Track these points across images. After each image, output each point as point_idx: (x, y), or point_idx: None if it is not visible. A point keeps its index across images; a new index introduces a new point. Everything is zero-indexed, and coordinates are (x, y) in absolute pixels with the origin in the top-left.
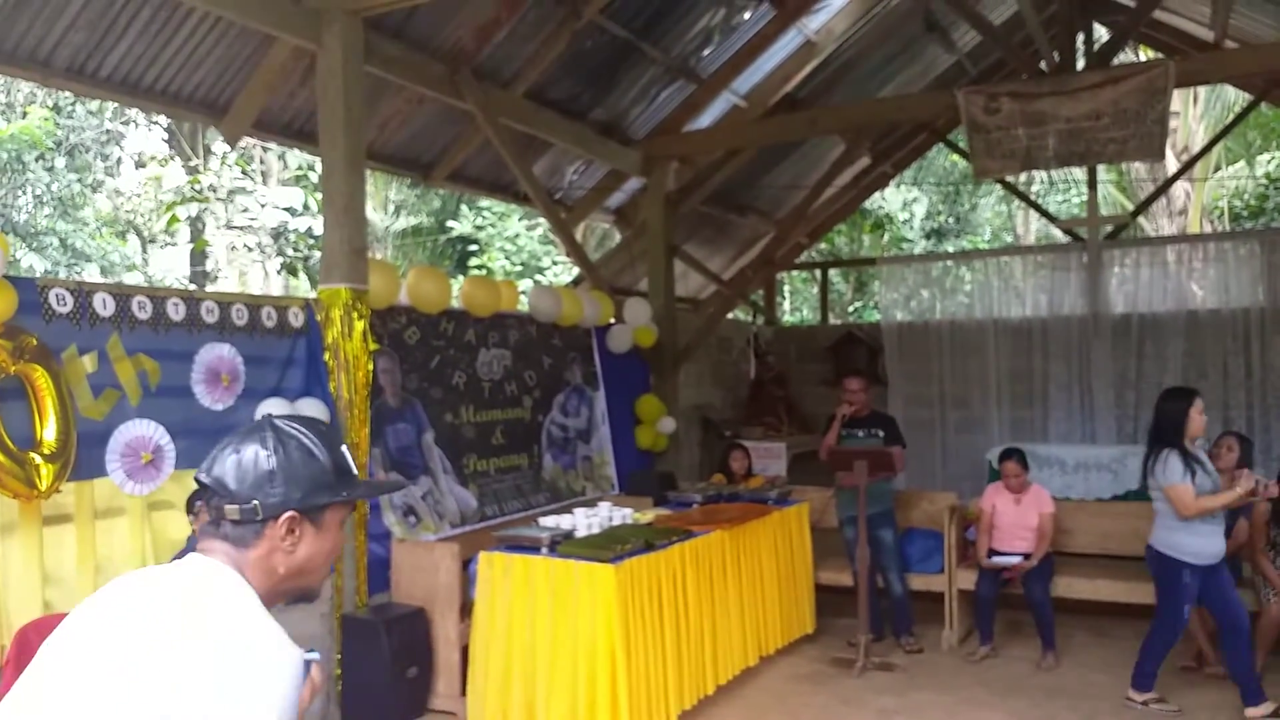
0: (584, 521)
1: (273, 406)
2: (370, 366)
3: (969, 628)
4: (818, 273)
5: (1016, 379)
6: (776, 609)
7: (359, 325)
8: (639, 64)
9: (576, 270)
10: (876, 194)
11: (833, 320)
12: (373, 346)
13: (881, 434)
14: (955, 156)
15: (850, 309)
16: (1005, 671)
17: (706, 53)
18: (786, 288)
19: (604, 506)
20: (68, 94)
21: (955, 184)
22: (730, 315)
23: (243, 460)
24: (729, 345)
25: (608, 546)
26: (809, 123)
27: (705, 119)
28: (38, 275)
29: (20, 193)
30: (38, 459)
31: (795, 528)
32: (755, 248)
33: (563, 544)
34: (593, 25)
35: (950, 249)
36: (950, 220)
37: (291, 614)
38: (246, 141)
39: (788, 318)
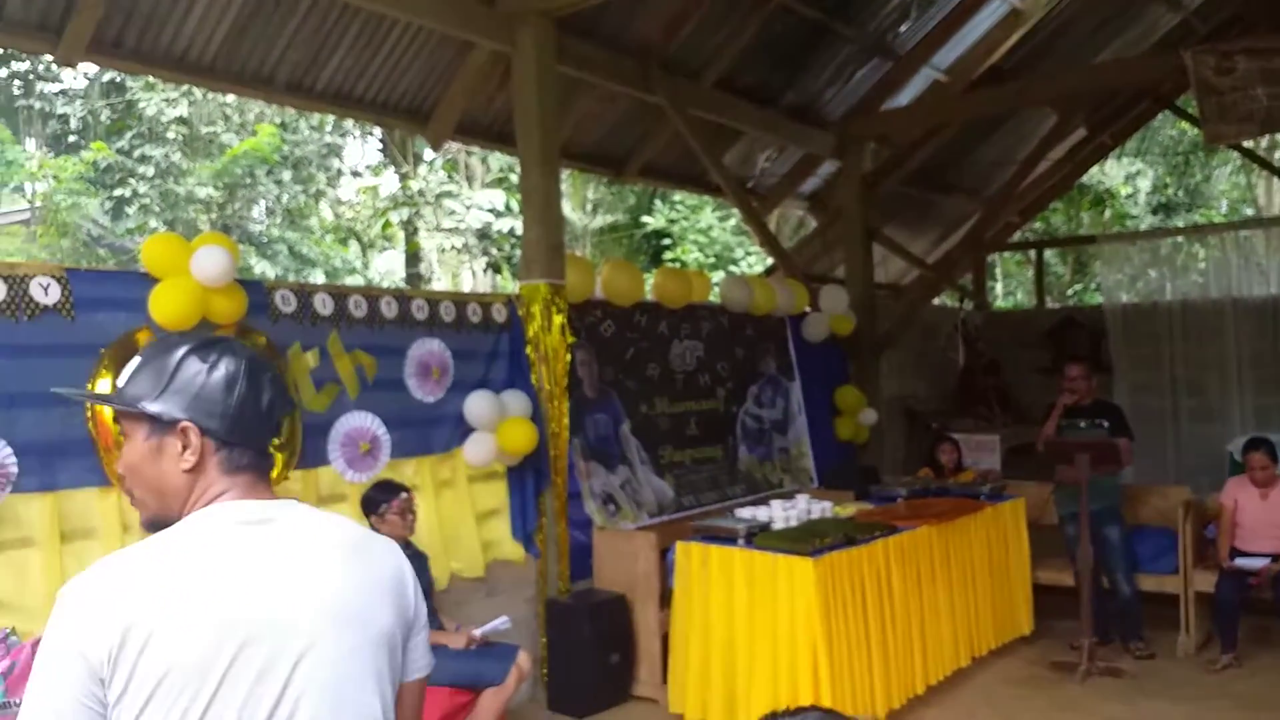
0: (781, 514)
1: (480, 399)
2: (568, 359)
3: (1207, 634)
4: (1032, 253)
5: (1260, 364)
6: (989, 608)
7: (557, 319)
8: (832, 45)
9: (771, 260)
10: (1095, 168)
11: (1050, 304)
12: (570, 339)
13: (1106, 424)
14: (1184, 124)
15: (1069, 292)
16: (1252, 684)
17: (903, 28)
18: (998, 270)
19: (802, 499)
20: (291, 111)
21: (1184, 154)
22: (936, 301)
23: None
24: (935, 332)
25: (806, 540)
26: (1018, 94)
27: (904, 97)
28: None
29: (254, 205)
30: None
31: (1010, 524)
32: (961, 229)
33: (759, 536)
34: (782, 8)
35: (1180, 224)
36: (1179, 194)
37: (498, 599)
38: (451, 147)
39: (1000, 302)
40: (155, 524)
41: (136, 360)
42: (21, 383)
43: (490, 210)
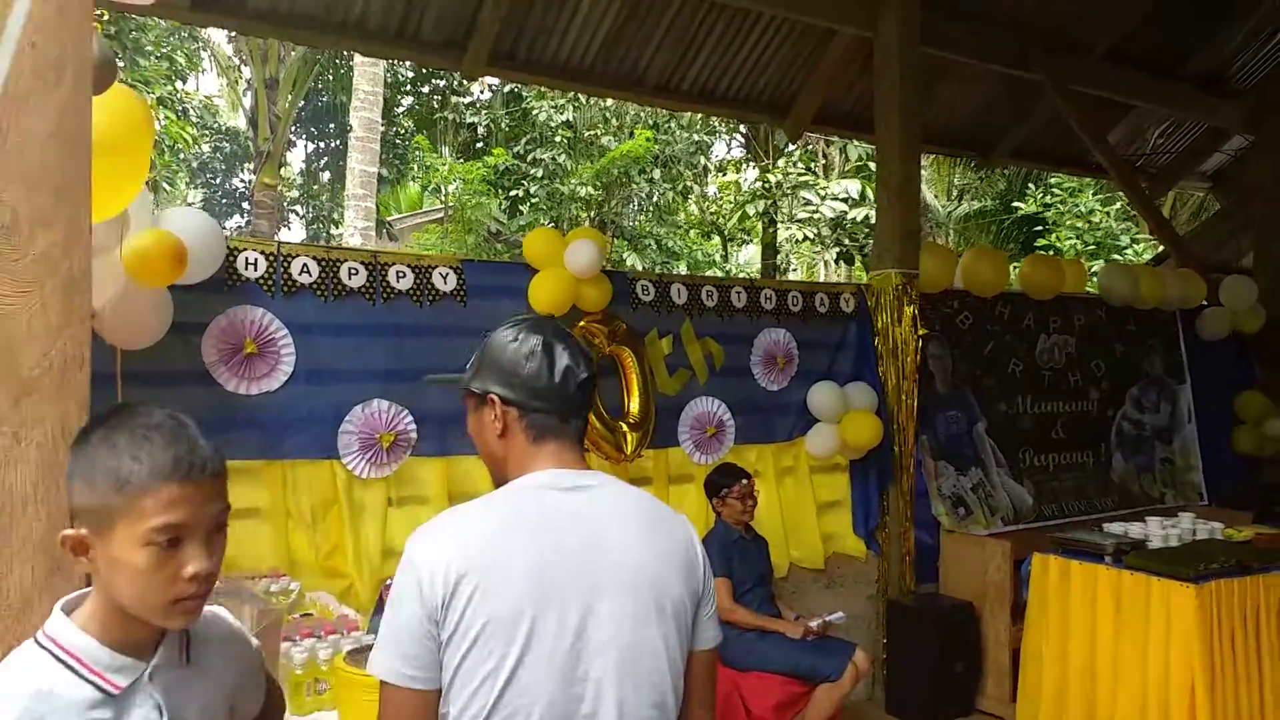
0: (1159, 531)
1: (824, 390)
2: (919, 352)
3: None
4: None
5: None
6: None
7: (908, 310)
8: (1245, 2)
9: (1161, 247)
10: None
11: None
12: (922, 331)
13: None
14: None
15: None
16: None
17: None
18: None
19: (1186, 517)
20: (664, 113)
21: None
22: None
23: None
24: None
25: (1189, 563)
26: None
27: None
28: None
29: (627, 202)
30: (624, 427)
31: None
32: None
33: (1131, 554)
34: None
35: None
36: None
37: (836, 593)
38: (811, 138)
39: None
40: (497, 483)
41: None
42: (423, 359)
43: (844, 199)
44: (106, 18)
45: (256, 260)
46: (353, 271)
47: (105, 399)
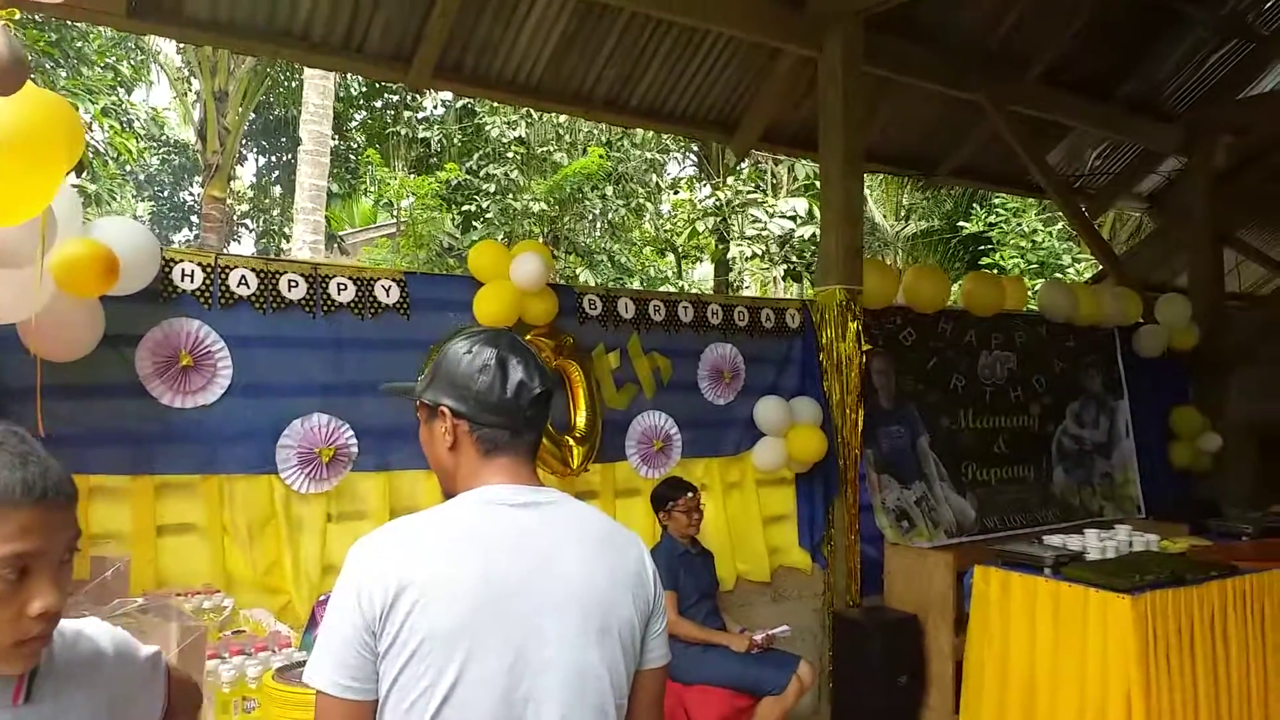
0: (1097, 544)
1: (769, 404)
2: (863, 367)
3: None
4: None
5: None
6: None
7: (852, 325)
8: (1180, 28)
9: (1100, 267)
10: None
11: None
12: (865, 347)
13: None
14: None
15: None
16: None
17: (1269, 5)
18: None
19: (1123, 529)
20: (617, 130)
21: None
22: None
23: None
24: None
25: (1124, 574)
26: None
27: (1268, 81)
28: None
29: (581, 219)
30: (571, 441)
31: None
32: None
33: (1069, 566)
34: None
35: None
36: None
37: (783, 606)
38: (760, 156)
39: None
40: (447, 495)
41: None
42: (364, 373)
43: (792, 217)
44: (40, 20)
45: (193, 271)
46: (292, 284)
47: (25, 413)
